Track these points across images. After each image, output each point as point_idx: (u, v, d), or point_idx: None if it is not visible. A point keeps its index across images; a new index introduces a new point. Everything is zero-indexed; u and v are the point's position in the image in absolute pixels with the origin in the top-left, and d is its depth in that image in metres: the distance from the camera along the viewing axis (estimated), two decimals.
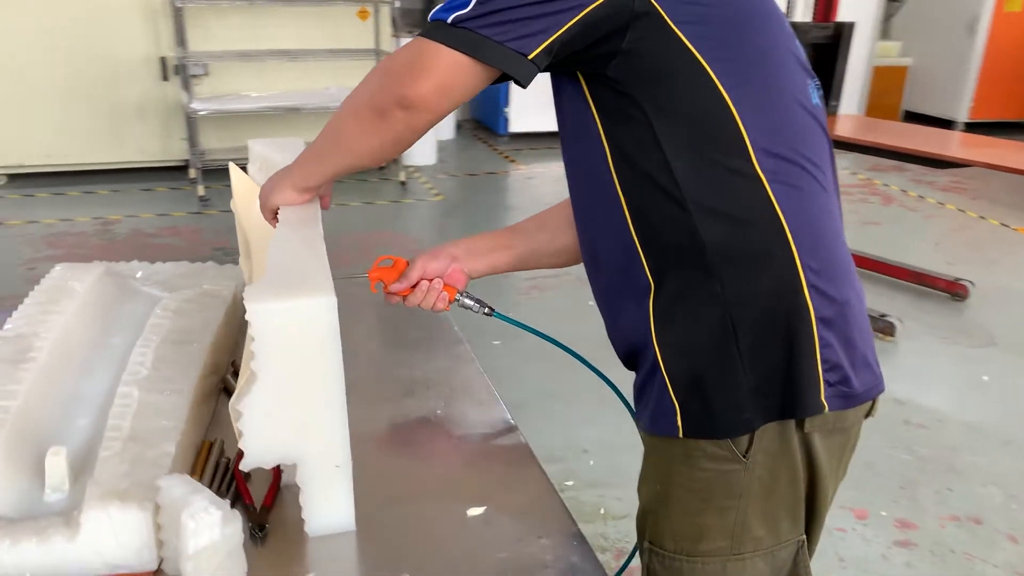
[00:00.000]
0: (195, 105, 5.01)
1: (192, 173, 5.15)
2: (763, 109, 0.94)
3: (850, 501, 2.38)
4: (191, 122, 5.02)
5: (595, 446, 2.63)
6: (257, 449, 0.90)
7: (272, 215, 1.14)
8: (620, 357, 1.07)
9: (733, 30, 0.94)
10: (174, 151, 5.37)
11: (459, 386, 1.33)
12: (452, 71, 0.88)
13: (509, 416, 1.24)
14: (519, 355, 2.96)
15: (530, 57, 0.87)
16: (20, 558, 0.85)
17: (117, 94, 5.23)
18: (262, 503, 1.01)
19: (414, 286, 1.19)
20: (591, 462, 2.57)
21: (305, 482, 0.94)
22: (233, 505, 1.00)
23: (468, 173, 6.09)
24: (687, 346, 0.97)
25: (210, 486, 1.02)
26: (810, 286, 0.95)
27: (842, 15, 4.07)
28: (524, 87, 0.91)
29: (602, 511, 2.34)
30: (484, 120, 7.29)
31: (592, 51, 0.90)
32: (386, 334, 1.55)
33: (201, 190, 5.09)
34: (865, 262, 3.91)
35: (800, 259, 0.94)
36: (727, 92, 0.91)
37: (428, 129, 0.96)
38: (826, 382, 0.96)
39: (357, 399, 1.29)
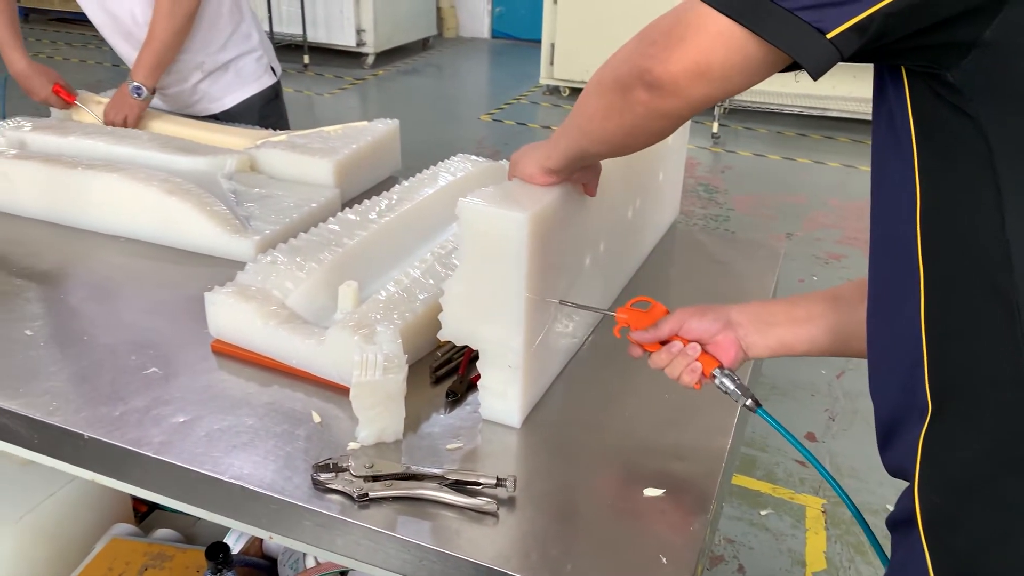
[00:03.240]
0: None
1: None
2: None
3: None
4: None
5: None
6: (450, 325, 1.07)
7: None
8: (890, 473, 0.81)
9: None
10: None
11: None
12: (715, 45, 0.66)
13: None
14: None
15: (830, 36, 0.62)
16: (292, 347, 1.17)
17: None
18: (471, 378, 1.18)
19: (664, 342, 0.97)
20: None
21: (483, 369, 1.08)
22: (453, 373, 1.20)
23: None
24: (958, 520, 0.69)
25: (447, 352, 1.23)
26: None
27: None
28: (814, 79, 0.65)
29: None
30: None
31: (932, 38, 0.62)
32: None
33: (715, 125, 5.30)
34: None
35: None
36: None
37: (679, 121, 0.75)
38: None
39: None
